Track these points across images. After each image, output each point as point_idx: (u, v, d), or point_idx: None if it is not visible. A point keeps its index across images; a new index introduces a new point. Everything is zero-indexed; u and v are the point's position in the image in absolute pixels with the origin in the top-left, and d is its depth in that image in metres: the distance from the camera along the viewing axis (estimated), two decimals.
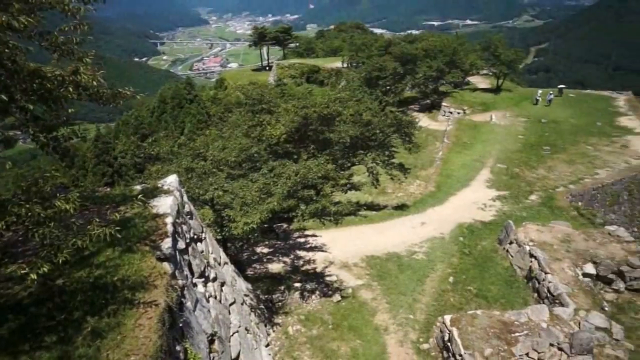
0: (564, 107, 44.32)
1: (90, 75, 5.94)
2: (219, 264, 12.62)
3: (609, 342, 14.42)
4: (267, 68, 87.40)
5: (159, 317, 6.54)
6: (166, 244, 8.48)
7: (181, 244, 9.62)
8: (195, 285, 10.17)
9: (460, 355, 13.56)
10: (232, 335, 11.40)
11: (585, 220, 23.43)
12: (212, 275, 11.34)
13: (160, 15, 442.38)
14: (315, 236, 22.29)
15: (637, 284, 16.76)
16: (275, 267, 19.51)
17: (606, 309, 16.12)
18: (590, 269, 17.41)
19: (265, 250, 21.12)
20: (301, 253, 20.66)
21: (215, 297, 11.15)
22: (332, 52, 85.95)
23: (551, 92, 45.81)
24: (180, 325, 7.78)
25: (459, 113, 45.01)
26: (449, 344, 14.50)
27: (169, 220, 9.21)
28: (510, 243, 20.38)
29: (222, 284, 12.01)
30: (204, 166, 15.51)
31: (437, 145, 37.79)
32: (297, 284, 18.08)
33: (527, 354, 13.56)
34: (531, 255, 18.60)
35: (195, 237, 11.24)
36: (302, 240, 22.10)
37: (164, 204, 9.78)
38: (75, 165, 47.74)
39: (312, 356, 14.97)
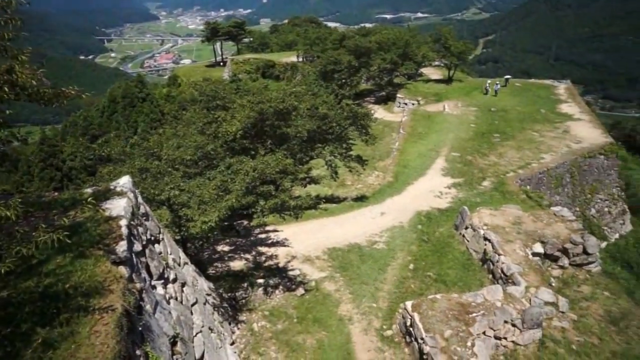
0: (512, 95, 46.34)
1: (28, 74, 5.61)
2: (179, 264, 12.35)
3: (556, 315, 15.38)
4: (222, 64, 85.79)
5: (116, 322, 6.33)
6: (121, 247, 8.21)
7: (137, 246, 9.35)
8: (154, 287, 9.92)
9: (422, 338, 14.01)
10: (195, 336, 11.22)
11: (533, 203, 24.65)
12: (171, 277, 11.10)
13: (106, 10, 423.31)
14: (277, 231, 22.25)
15: (579, 259, 17.89)
16: (237, 264, 19.33)
17: (553, 284, 17.14)
18: (538, 248, 18.40)
19: (227, 248, 20.86)
20: (263, 249, 20.56)
21: (176, 299, 10.93)
22: (286, 46, 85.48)
23: (497, 83, 47.63)
24: (140, 329, 7.57)
25: (413, 104, 46.06)
26: (411, 328, 14.94)
27: (123, 222, 8.92)
28: (466, 228, 21.16)
29: (183, 285, 11.77)
30: (159, 166, 15.07)
31: (393, 136, 38.54)
32: (260, 280, 18.01)
33: (484, 332, 14.22)
34: (485, 239, 19.42)
35: (152, 238, 10.95)
36: (263, 236, 21.99)
37: (117, 206, 9.45)
38: (19, 171, 45.12)
39: (278, 351, 15.00)
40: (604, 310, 16.07)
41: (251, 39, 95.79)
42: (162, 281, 10.44)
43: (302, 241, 21.19)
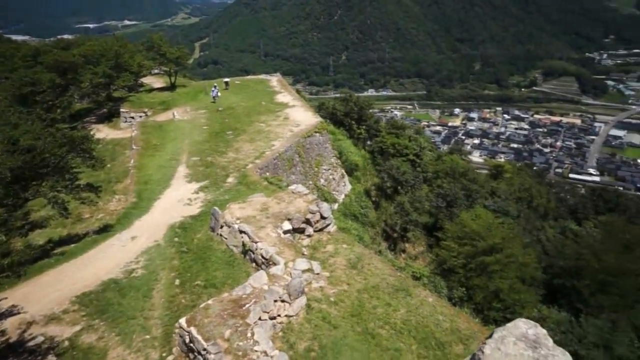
0: (234, 93, 49.44)
1: None
2: None
3: (313, 278, 17.51)
4: None
5: None
6: None
7: None
8: None
9: (204, 349, 13.70)
10: None
11: (275, 187, 27.06)
12: None
13: None
14: None
15: (319, 224, 20.80)
16: None
17: (305, 253, 19.41)
18: (287, 225, 20.39)
19: None
20: None
21: None
22: None
23: (214, 87, 47.60)
24: None
25: (140, 116, 43.76)
26: (191, 344, 14.40)
27: None
28: (222, 227, 21.60)
29: None
30: None
31: (126, 153, 35.72)
32: None
33: (260, 318, 14.93)
34: (241, 232, 20.27)
35: None
36: None
37: None
38: None
39: None
40: (346, 260, 19.19)
41: None
42: None
43: (38, 300, 17.47)
